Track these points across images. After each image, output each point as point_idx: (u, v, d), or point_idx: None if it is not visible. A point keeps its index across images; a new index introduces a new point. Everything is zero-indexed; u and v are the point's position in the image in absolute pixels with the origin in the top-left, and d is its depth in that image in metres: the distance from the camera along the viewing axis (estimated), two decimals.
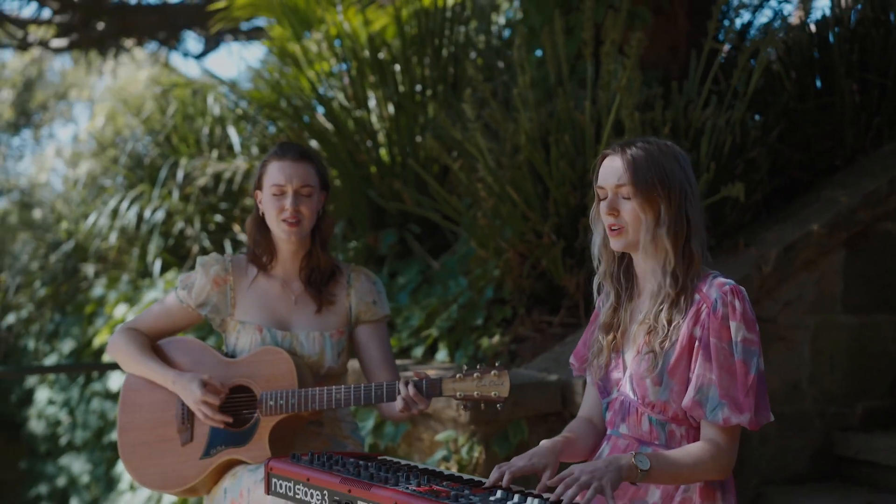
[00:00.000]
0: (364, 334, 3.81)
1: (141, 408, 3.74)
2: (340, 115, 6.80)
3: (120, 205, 8.65)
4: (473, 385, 3.33)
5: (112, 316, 8.22)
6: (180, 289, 3.80)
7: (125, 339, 3.76)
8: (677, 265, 2.94)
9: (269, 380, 3.59)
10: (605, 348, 3.08)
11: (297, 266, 3.78)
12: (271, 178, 3.69)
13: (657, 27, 5.76)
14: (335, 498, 2.91)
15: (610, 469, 2.68)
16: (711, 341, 2.85)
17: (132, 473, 3.74)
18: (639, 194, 2.92)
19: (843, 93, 5.65)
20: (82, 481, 8.62)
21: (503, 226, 5.32)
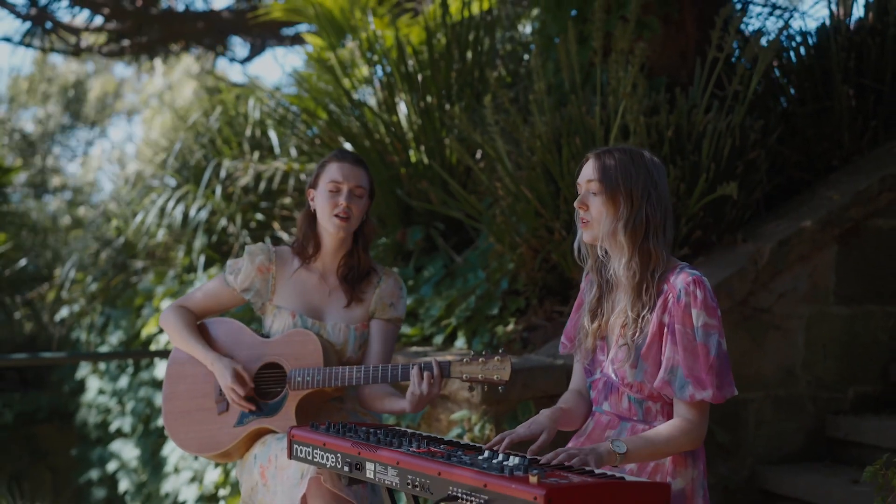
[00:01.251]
0: (374, 328, 4.17)
1: (184, 379, 4.14)
2: (372, 120, 7.19)
3: (167, 204, 9.11)
4: (478, 369, 3.71)
5: (159, 309, 8.66)
6: (228, 273, 4.18)
7: (176, 316, 4.15)
8: (632, 260, 3.30)
9: (298, 358, 3.98)
10: (590, 334, 3.46)
11: (337, 263, 4.15)
12: (329, 175, 4.04)
13: (667, 35, 6.09)
14: (347, 460, 3.31)
15: (592, 453, 3.06)
16: (676, 327, 3.21)
17: (173, 437, 4.15)
18: (604, 191, 3.29)
19: (841, 97, 5.98)
20: (131, 465, 9.07)
21: (518, 222, 5.70)
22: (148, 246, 9.59)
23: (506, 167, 5.68)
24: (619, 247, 3.29)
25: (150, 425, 8.71)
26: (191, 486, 7.56)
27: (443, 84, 7.13)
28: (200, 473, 7.47)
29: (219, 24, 12.77)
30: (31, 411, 11.09)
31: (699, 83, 5.73)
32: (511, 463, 2.93)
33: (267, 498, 3.86)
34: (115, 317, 9.50)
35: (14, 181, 13.56)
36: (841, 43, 6.08)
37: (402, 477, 3.10)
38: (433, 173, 6.89)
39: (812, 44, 6.24)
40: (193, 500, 7.51)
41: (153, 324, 8.53)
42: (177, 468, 7.95)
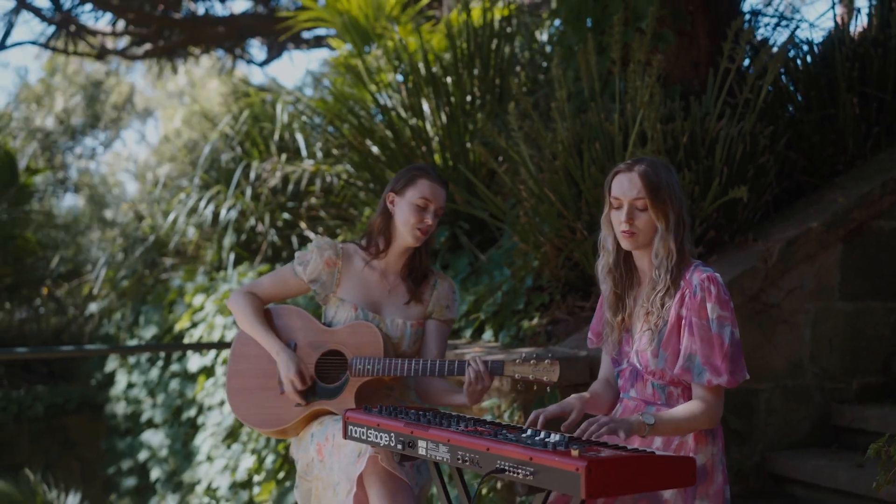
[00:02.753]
0: (430, 327, 4.50)
1: (249, 359, 4.46)
2: (398, 124, 7.54)
3: (198, 203, 9.48)
4: (530, 369, 4.07)
5: (191, 304, 9.03)
6: (297, 264, 4.49)
7: (245, 301, 4.46)
8: (676, 262, 3.67)
9: (360, 348, 4.31)
10: (615, 328, 3.82)
11: (401, 263, 4.49)
12: (420, 191, 4.34)
13: (681, 46, 6.45)
14: (400, 438, 3.67)
15: (623, 423, 3.43)
16: (693, 320, 3.58)
17: (236, 411, 4.46)
18: (654, 206, 3.64)
19: (845, 105, 6.31)
20: (161, 455, 9.43)
21: (541, 223, 6.06)
22: (178, 244, 9.96)
23: (530, 170, 6.03)
24: (668, 252, 3.64)
25: (181, 416, 9.06)
26: (224, 473, 7.91)
27: (467, 90, 7.48)
28: (234, 461, 7.82)
29: (239, 28, 13.13)
30: (60, 403, 11.46)
31: (711, 92, 6.09)
32: (552, 440, 3.29)
33: (323, 473, 4.20)
34: (148, 312, 9.87)
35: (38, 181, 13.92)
36: (846, 53, 6.42)
37: (452, 453, 3.46)
38: (458, 175, 7.24)
39: (818, 54, 6.59)
40: (226, 486, 7.86)
41: (186, 319, 8.89)
42: (210, 456, 8.30)
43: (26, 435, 11.20)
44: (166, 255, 10.26)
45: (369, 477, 4.00)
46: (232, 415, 7.96)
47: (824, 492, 5.35)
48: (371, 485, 4.00)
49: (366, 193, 7.86)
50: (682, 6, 6.45)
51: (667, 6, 6.33)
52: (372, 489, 4.00)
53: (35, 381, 11.95)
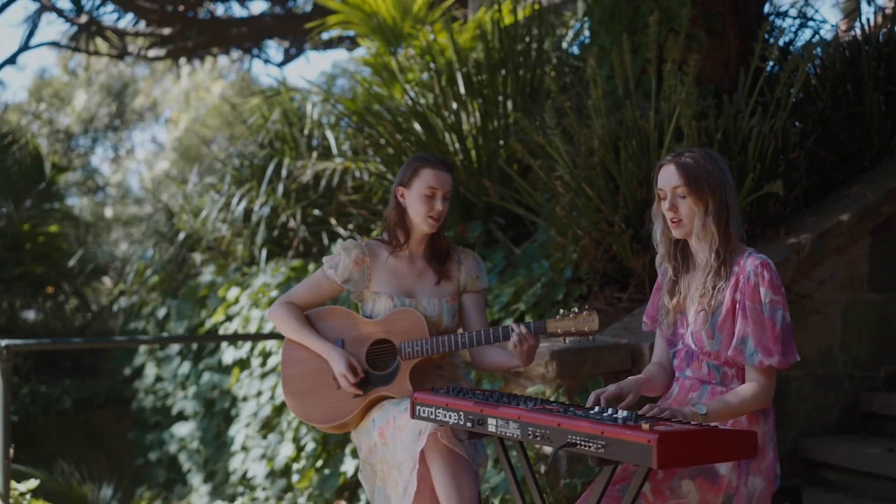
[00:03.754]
0: (468, 301, 4.73)
1: (300, 363, 4.67)
2: (432, 121, 7.75)
3: (231, 200, 9.69)
4: (570, 323, 4.29)
5: (225, 298, 9.23)
6: (327, 268, 4.71)
7: (286, 313, 4.69)
8: (720, 244, 3.89)
9: (405, 332, 4.53)
10: (671, 311, 4.04)
11: (422, 248, 4.72)
12: (425, 181, 4.57)
13: (711, 46, 6.65)
14: (469, 417, 3.87)
15: (679, 412, 3.64)
16: (746, 303, 3.79)
17: (298, 413, 4.68)
18: (691, 193, 3.86)
19: (871, 103, 6.55)
20: (192, 446, 9.63)
21: (579, 217, 6.27)
22: (209, 240, 10.17)
23: (567, 166, 6.24)
24: (709, 236, 3.87)
25: (214, 407, 9.26)
26: (260, 462, 8.11)
27: (500, 88, 7.70)
28: (271, 450, 8.02)
29: (260, 29, 13.33)
30: (87, 397, 11.66)
31: (742, 90, 6.30)
32: (621, 415, 3.50)
33: (387, 455, 4.41)
34: (180, 307, 10.07)
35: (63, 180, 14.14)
36: (871, 54, 6.65)
37: (523, 429, 3.66)
38: (492, 171, 7.45)
39: (845, 54, 6.82)
40: (263, 475, 8.06)
41: (221, 312, 9.09)
42: (245, 447, 8.50)
43: (54, 428, 11.40)
44: (196, 250, 10.46)
45: (431, 454, 4.20)
46: (268, 405, 8.16)
47: (856, 475, 5.57)
48: (433, 461, 4.21)
49: None
50: (713, 7, 6.66)
51: (698, 8, 6.53)
52: (434, 465, 4.20)
53: (62, 376, 12.17)
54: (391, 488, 4.42)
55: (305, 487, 7.32)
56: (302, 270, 8.56)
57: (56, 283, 12.65)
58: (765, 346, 3.77)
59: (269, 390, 8.19)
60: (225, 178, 10.08)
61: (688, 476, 3.77)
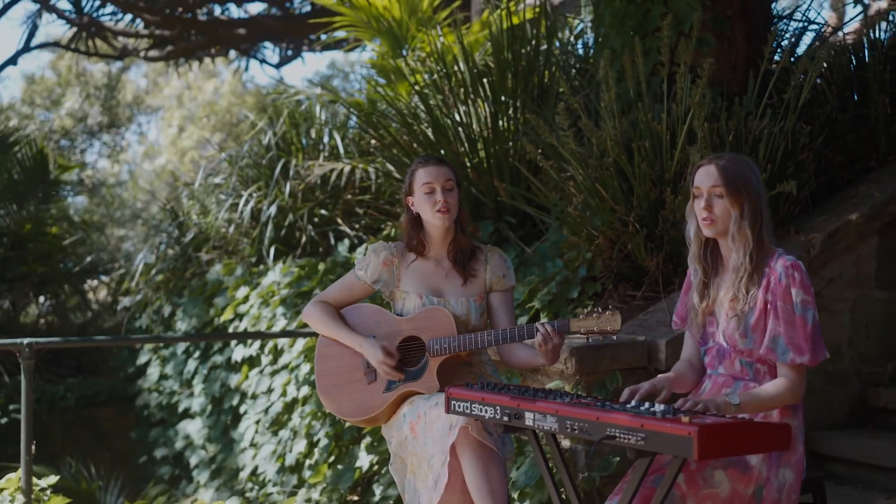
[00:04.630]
0: (495, 300, 4.87)
1: (332, 358, 4.82)
2: (442, 122, 7.88)
3: (239, 200, 9.81)
4: (593, 322, 4.43)
5: (234, 297, 9.34)
6: (358, 270, 4.86)
7: (320, 310, 4.85)
8: (754, 248, 4.02)
9: (434, 330, 4.66)
10: (700, 312, 4.17)
11: (446, 249, 4.84)
12: (421, 179, 4.73)
13: (720, 49, 6.79)
14: (506, 411, 4.00)
15: (711, 403, 3.78)
16: (778, 304, 3.93)
17: (330, 407, 4.82)
18: (729, 194, 3.99)
19: (877, 105, 6.71)
20: (198, 443, 9.73)
21: (592, 217, 6.40)
22: (216, 239, 10.28)
23: (580, 167, 6.37)
24: (744, 238, 3.99)
25: (222, 405, 9.35)
26: (271, 459, 8.22)
27: (509, 89, 7.83)
28: (282, 447, 8.13)
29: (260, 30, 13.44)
30: (91, 395, 11.75)
31: (752, 92, 6.45)
32: (658, 409, 3.64)
33: (417, 448, 4.53)
34: (188, 305, 10.17)
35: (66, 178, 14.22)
36: (877, 57, 6.82)
37: (560, 423, 3.80)
38: (502, 171, 7.58)
39: (852, 58, 6.98)
40: (274, 472, 8.17)
41: (230, 311, 9.20)
42: (254, 443, 8.61)
43: (58, 426, 11.48)
44: (201, 250, 10.57)
45: (462, 447, 4.33)
46: (279, 402, 8.27)
47: (866, 468, 5.71)
48: (463, 454, 4.34)
49: None
50: (722, 11, 6.81)
51: (707, 12, 6.67)
52: (464, 457, 4.34)
53: (65, 375, 12.25)
54: (421, 481, 4.55)
55: (319, 482, 7.43)
56: (311, 269, 8.67)
57: (57, 282, 12.74)
58: (796, 344, 3.91)
59: (280, 387, 8.29)
60: (232, 179, 10.18)
61: (720, 467, 3.90)
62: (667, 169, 6.19)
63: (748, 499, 3.92)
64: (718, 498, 3.90)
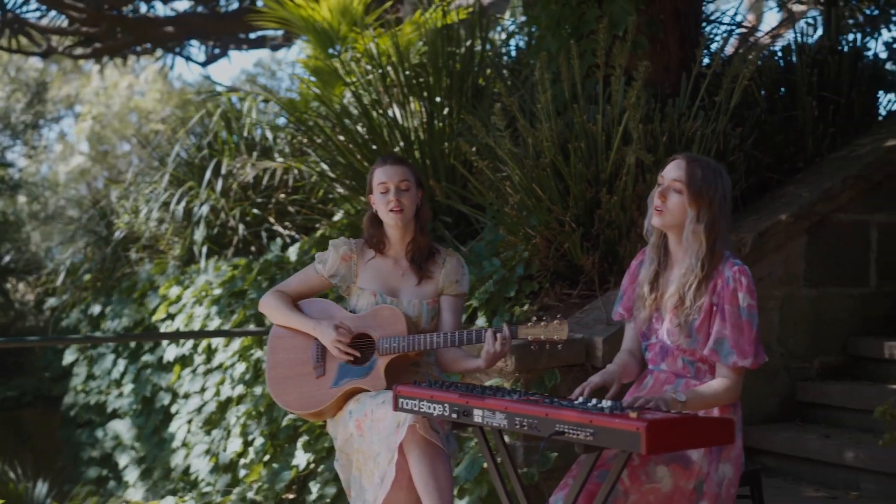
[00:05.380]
0: (444, 303, 4.91)
1: (284, 350, 4.86)
2: (377, 121, 7.93)
3: (171, 199, 9.77)
4: (541, 331, 4.51)
5: (167, 296, 9.31)
6: (317, 263, 4.91)
7: (275, 299, 4.89)
8: (706, 256, 4.09)
9: (384, 328, 4.71)
10: (648, 305, 4.25)
11: (405, 249, 4.90)
12: (377, 179, 4.81)
13: (653, 52, 6.90)
14: (454, 408, 4.06)
15: (660, 400, 3.87)
16: (725, 307, 4.02)
17: (278, 399, 4.86)
18: (688, 193, 4.06)
19: (805, 108, 6.89)
20: (128, 443, 9.67)
21: (529, 216, 6.49)
22: (147, 238, 10.22)
23: (517, 167, 6.46)
24: (698, 243, 4.06)
25: (153, 404, 9.31)
26: (204, 458, 8.21)
27: (444, 89, 7.90)
28: (216, 446, 8.12)
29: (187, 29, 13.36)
30: (14, 396, 11.62)
31: (684, 94, 6.58)
32: (606, 405, 3.72)
33: (363, 445, 4.58)
34: (117, 304, 10.10)
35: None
36: (805, 60, 6.99)
37: (510, 419, 3.86)
38: (437, 171, 7.65)
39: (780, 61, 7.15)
40: (207, 471, 8.16)
41: (162, 310, 9.17)
42: (186, 443, 8.59)
43: None
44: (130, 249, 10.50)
45: (409, 444, 4.38)
46: (213, 401, 8.27)
47: (795, 461, 5.87)
48: (411, 452, 4.39)
49: (344, 189, 8.23)
50: (655, 15, 6.93)
51: (641, 15, 6.78)
52: (412, 455, 4.39)
53: None
54: (367, 478, 4.60)
55: (255, 480, 7.44)
56: (245, 269, 8.66)
57: None
58: (741, 347, 4.01)
59: (214, 387, 8.29)
60: (163, 178, 10.13)
61: (662, 462, 3.99)
62: (602, 169, 6.30)
63: (689, 493, 4.02)
64: (660, 493, 4.00)
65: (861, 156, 6.61)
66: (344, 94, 8.81)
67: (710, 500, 4.02)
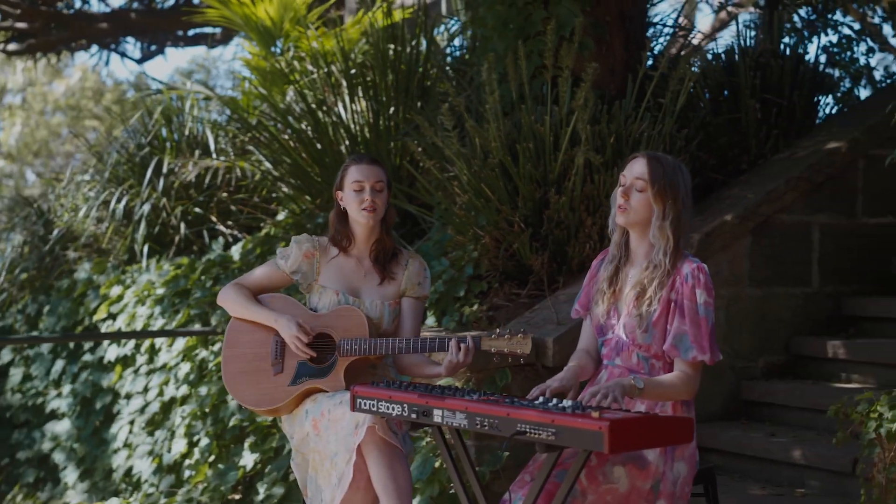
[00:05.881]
0: (405, 305, 4.93)
1: (242, 344, 4.84)
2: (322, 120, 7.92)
3: (111, 198, 9.67)
4: (505, 343, 4.55)
5: (108, 296, 9.21)
6: (279, 258, 4.90)
7: (235, 292, 4.86)
8: (673, 251, 4.14)
9: (347, 330, 4.71)
10: (606, 299, 4.30)
11: (369, 248, 4.90)
12: (352, 177, 4.79)
13: (599, 54, 6.95)
14: (414, 408, 4.08)
15: (618, 386, 3.92)
16: (684, 303, 4.09)
17: (233, 393, 4.85)
18: (652, 191, 4.11)
19: (748, 110, 7.00)
20: (67, 444, 9.55)
21: (478, 216, 6.52)
22: (87, 237, 10.11)
23: (465, 167, 6.48)
24: (665, 239, 4.12)
25: (94, 404, 9.21)
26: (146, 459, 8.14)
27: (390, 88, 7.91)
28: (160, 447, 8.06)
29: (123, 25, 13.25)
30: None
31: (630, 96, 6.65)
32: (566, 405, 3.76)
33: (320, 445, 4.58)
34: (54, 304, 9.98)
35: None
36: (748, 63, 7.10)
37: (470, 419, 3.89)
38: None
39: (723, 64, 7.25)
40: (149, 472, 8.10)
41: (104, 310, 9.07)
42: (128, 444, 8.51)
43: None
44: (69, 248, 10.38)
45: (367, 445, 4.40)
46: (156, 402, 8.21)
47: (741, 459, 5.95)
48: (370, 453, 4.41)
49: (290, 188, 8.22)
50: (600, 17, 6.99)
51: (587, 17, 6.84)
52: (371, 456, 4.41)
53: None
54: (323, 478, 4.61)
55: (201, 481, 7.41)
56: (189, 268, 8.61)
57: None
58: (699, 343, 4.07)
59: (157, 387, 8.23)
60: (103, 175, 10.02)
61: (619, 462, 4.04)
62: (550, 170, 6.34)
63: (646, 493, 4.07)
64: (618, 493, 4.05)
65: (803, 158, 6.71)
66: (287, 92, 8.78)
67: (667, 499, 4.08)
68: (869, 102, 7.60)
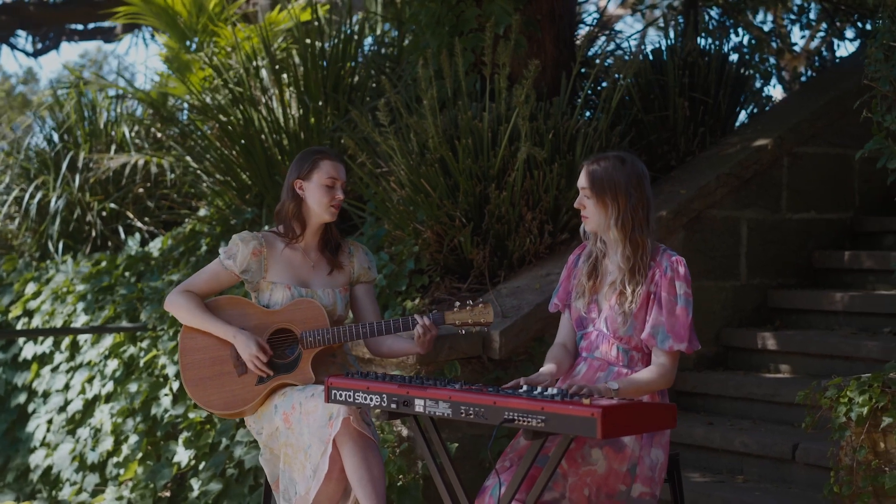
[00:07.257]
0: (360, 291, 4.98)
1: (198, 351, 4.79)
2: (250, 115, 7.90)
3: (24, 194, 9.48)
4: (468, 315, 4.62)
5: (23, 293, 9.02)
6: (225, 258, 4.84)
7: (184, 299, 4.80)
8: (626, 248, 4.27)
9: (306, 322, 4.72)
10: (586, 293, 4.39)
11: (317, 240, 4.94)
12: (326, 172, 4.79)
13: (531, 51, 7.08)
14: (394, 398, 4.11)
15: (594, 389, 4.01)
16: (662, 295, 4.21)
17: (199, 401, 4.78)
18: (594, 197, 4.27)
19: (677, 108, 7.20)
20: None
21: (416, 211, 6.57)
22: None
23: (404, 162, 6.54)
24: (614, 239, 4.27)
25: (7, 403, 9.01)
26: (67, 458, 7.99)
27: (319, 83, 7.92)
28: (83, 445, 7.92)
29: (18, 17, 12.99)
30: None
31: (565, 93, 6.78)
32: (552, 392, 3.84)
33: (292, 439, 4.59)
34: None
35: None
36: (677, 63, 7.28)
37: (454, 408, 3.93)
38: None
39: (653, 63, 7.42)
40: (72, 471, 7.95)
41: (19, 307, 8.89)
42: (46, 442, 8.35)
43: None
44: None
45: (342, 437, 4.43)
46: (78, 399, 8.07)
47: (679, 447, 6.08)
48: (344, 444, 4.44)
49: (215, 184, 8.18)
50: (532, 15, 7.11)
51: (520, 15, 6.94)
52: (345, 448, 4.44)
53: None
54: (297, 471, 4.61)
55: (129, 479, 7.32)
56: (111, 264, 8.49)
57: None
58: (676, 332, 4.20)
59: (80, 385, 8.09)
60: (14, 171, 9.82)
61: (596, 445, 4.15)
62: (490, 166, 6.42)
63: (623, 475, 4.19)
64: (597, 475, 4.16)
65: (731, 154, 6.91)
66: (205, 87, 8.73)
67: (644, 482, 4.20)
68: (789, 101, 7.86)
